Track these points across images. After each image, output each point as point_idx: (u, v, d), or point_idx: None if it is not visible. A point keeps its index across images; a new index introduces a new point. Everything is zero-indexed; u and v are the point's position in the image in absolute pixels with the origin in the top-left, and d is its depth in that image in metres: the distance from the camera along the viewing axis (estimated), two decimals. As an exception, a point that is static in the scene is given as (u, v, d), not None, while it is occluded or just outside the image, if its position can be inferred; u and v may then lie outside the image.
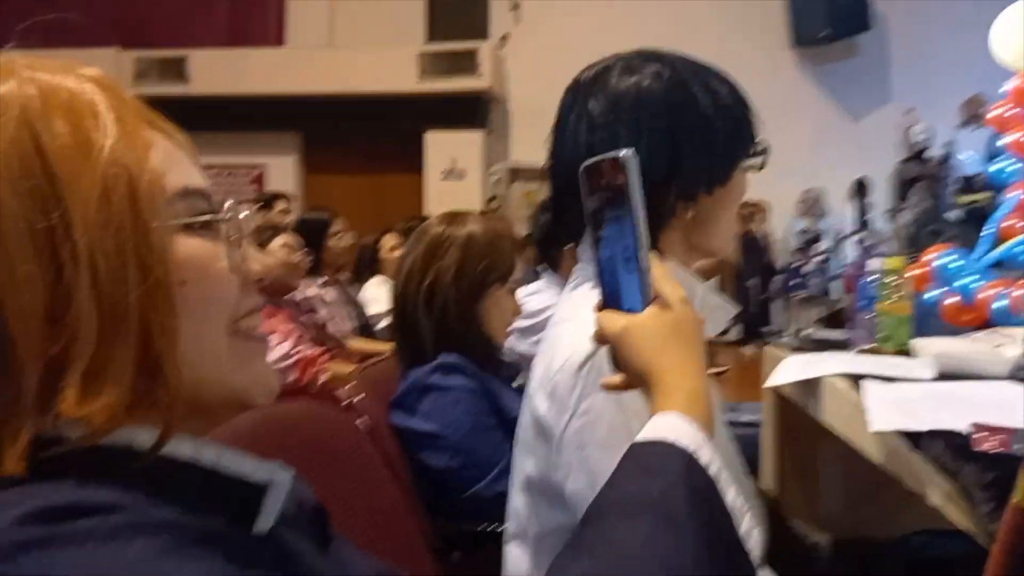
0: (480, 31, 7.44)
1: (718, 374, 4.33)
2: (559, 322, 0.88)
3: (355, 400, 1.30)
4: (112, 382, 0.41)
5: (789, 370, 1.48)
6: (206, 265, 0.47)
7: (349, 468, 1.17)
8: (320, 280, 2.79)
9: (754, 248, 5.96)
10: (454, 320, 1.36)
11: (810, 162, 6.70)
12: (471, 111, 7.23)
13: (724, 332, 2.50)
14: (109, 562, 0.35)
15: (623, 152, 0.61)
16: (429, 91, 7.12)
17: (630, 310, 0.61)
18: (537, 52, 7.25)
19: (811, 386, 1.46)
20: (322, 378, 2.15)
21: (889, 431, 0.95)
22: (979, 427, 0.78)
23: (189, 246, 0.47)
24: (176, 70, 7.48)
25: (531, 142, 7.78)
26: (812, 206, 6.79)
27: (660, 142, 0.82)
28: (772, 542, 1.35)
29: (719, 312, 0.94)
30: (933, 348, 1.36)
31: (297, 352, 2.18)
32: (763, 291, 4.72)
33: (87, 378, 0.41)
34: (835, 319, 2.00)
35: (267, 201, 4.25)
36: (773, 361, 1.73)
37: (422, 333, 1.36)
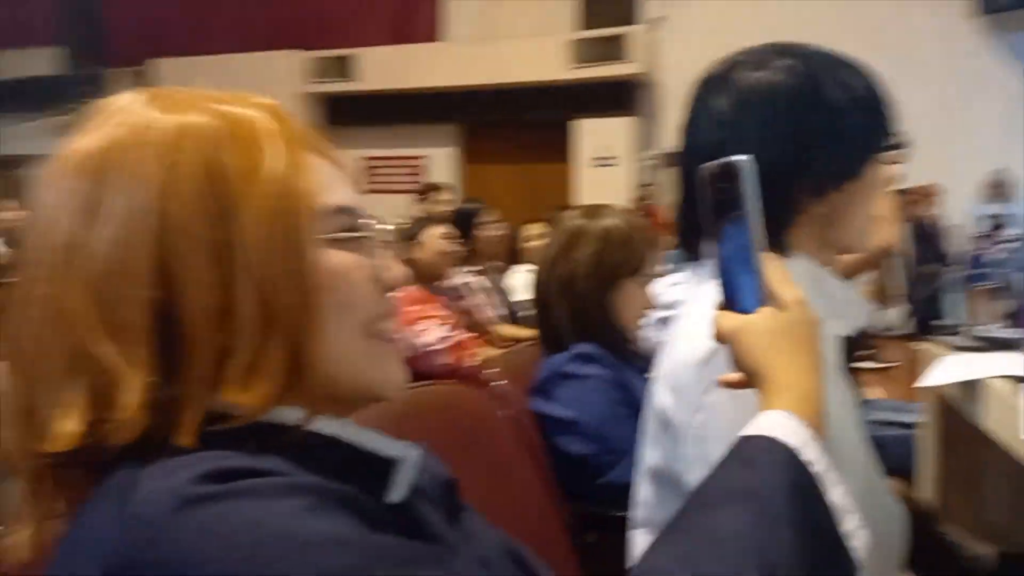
0: (632, 16, 7.34)
1: (883, 370, 4.08)
2: (685, 316, 0.90)
3: (499, 385, 1.38)
4: (265, 375, 0.49)
5: (944, 371, 1.40)
6: (349, 275, 0.54)
7: (490, 449, 1.25)
8: (471, 268, 2.91)
9: (924, 236, 5.51)
10: (589, 309, 1.41)
11: (997, 141, 6.08)
12: (622, 97, 7.17)
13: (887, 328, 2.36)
14: (264, 514, 0.42)
15: (739, 158, 0.63)
16: (580, 78, 7.13)
17: (745, 310, 0.63)
18: (690, 35, 7.04)
19: (972, 388, 1.38)
20: (472, 362, 2.27)
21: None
22: None
23: (336, 258, 0.54)
24: (346, 68, 7.97)
25: (685, 127, 7.66)
26: (999, 189, 6.17)
27: (787, 138, 0.81)
28: (924, 550, 1.30)
29: (854, 309, 0.92)
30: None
31: (451, 337, 2.30)
32: (934, 282, 4.37)
33: (246, 370, 0.49)
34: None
35: (426, 192, 4.47)
36: (930, 359, 1.64)
37: (559, 321, 1.42)
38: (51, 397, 0.47)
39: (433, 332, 2.29)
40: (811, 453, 0.53)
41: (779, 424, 0.54)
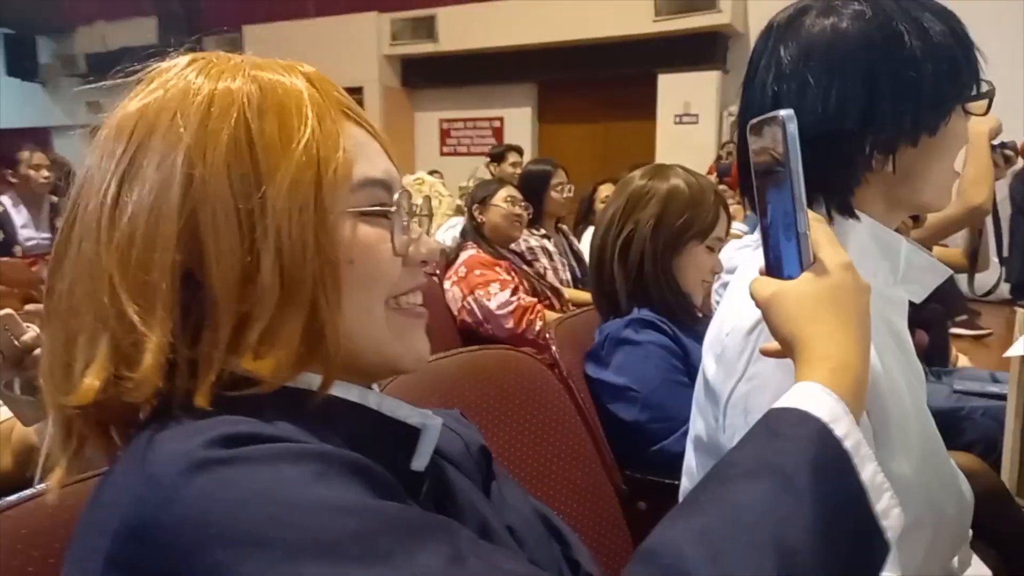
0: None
1: (978, 338, 3.85)
2: (735, 281, 0.86)
3: (556, 350, 1.37)
4: (282, 343, 0.49)
5: (1033, 341, 1.31)
6: (373, 248, 0.53)
7: (543, 414, 1.25)
8: (541, 231, 2.89)
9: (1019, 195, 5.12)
10: (649, 274, 1.37)
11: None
12: (708, 50, 6.89)
13: (988, 292, 2.21)
14: (271, 480, 0.42)
15: (781, 112, 0.59)
16: (664, 32, 6.89)
17: (789, 276, 0.60)
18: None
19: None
20: (537, 326, 2.26)
21: None
22: None
23: (360, 231, 0.53)
24: (427, 29, 7.97)
25: (773, 81, 7.31)
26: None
27: (854, 89, 0.74)
28: (1000, 526, 1.23)
29: (926, 274, 0.85)
30: None
31: (513, 301, 2.30)
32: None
33: (263, 337, 0.49)
34: None
35: (500, 154, 4.45)
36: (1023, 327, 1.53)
37: (617, 285, 1.39)
38: (81, 352, 0.49)
39: (497, 297, 2.29)
40: (843, 428, 0.50)
41: (812, 396, 0.52)
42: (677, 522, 0.47)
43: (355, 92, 8.09)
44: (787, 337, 0.58)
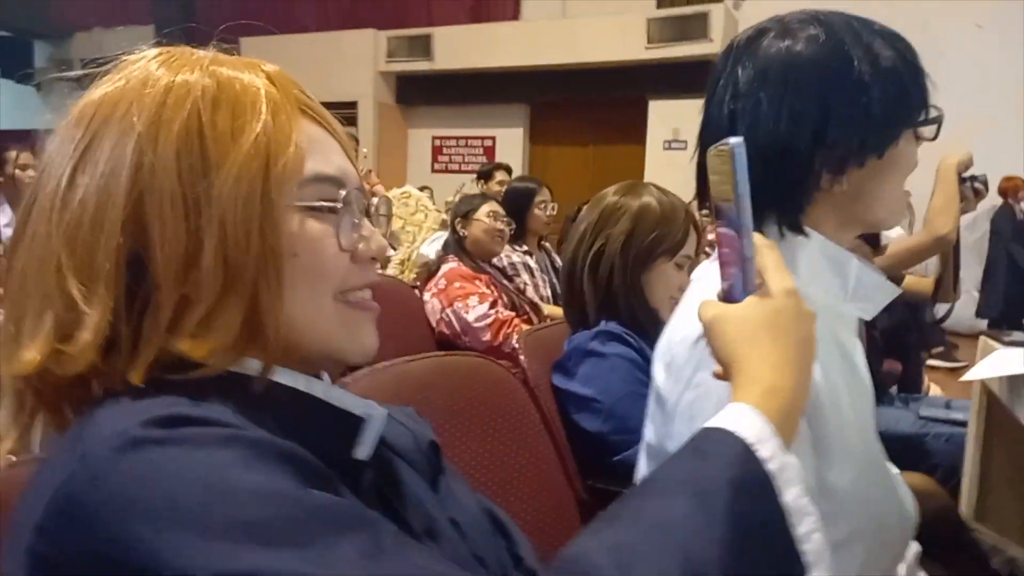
0: (713, -6, 7.15)
1: (954, 370, 3.89)
2: (688, 293, 0.89)
3: (524, 360, 1.39)
4: (220, 328, 0.51)
5: (991, 365, 1.34)
6: (318, 243, 0.55)
7: (508, 421, 1.26)
8: (524, 247, 2.91)
9: (1013, 228, 5.20)
10: (618, 288, 1.39)
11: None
12: (699, 78, 6.91)
13: (942, 319, 2.25)
14: (198, 463, 0.43)
15: (731, 140, 0.60)
16: (656, 59, 7.00)
17: (736, 300, 0.61)
18: (773, 14, 6.81)
19: (1018, 384, 1.32)
20: (514, 339, 2.27)
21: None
22: None
23: (307, 225, 0.54)
24: (422, 47, 8.06)
25: (761, 110, 7.41)
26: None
27: (805, 109, 0.77)
28: (951, 546, 1.25)
29: (876, 292, 0.88)
30: None
31: (491, 315, 2.32)
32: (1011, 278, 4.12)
33: (203, 321, 0.51)
34: None
35: (488, 173, 4.48)
36: (986, 354, 1.57)
37: (587, 299, 1.42)
38: (28, 328, 0.51)
39: (475, 310, 2.31)
40: (768, 450, 0.51)
41: (739, 417, 0.53)
42: (597, 534, 0.48)
43: (350, 107, 8.17)
44: (725, 359, 0.59)
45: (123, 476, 0.43)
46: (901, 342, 2.67)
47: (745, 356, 0.57)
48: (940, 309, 2.23)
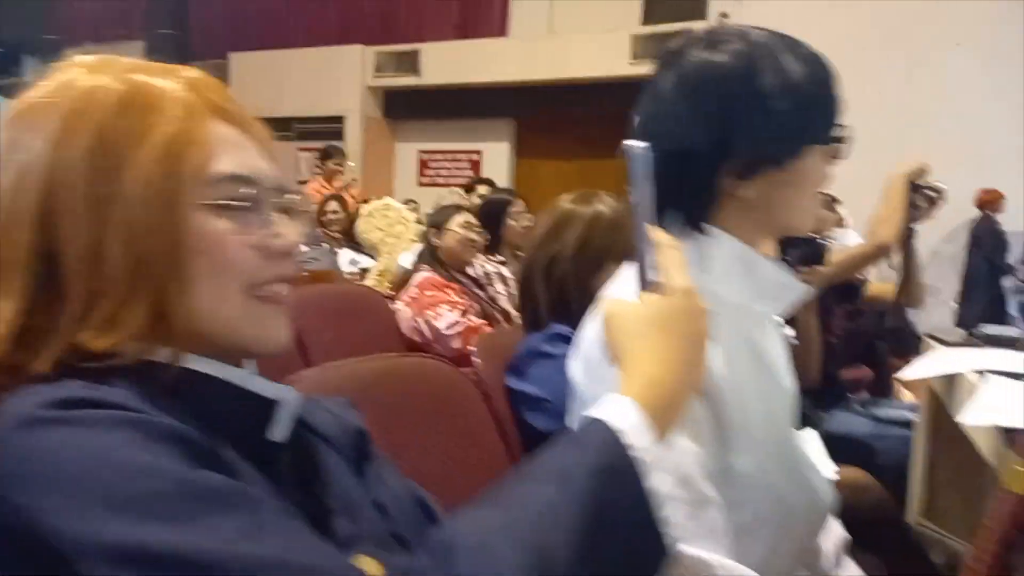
0: (698, 11, 7.24)
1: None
2: (607, 291, 0.93)
3: (476, 361, 1.43)
4: (127, 322, 0.54)
5: (925, 365, 1.39)
6: (223, 239, 0.57)
7: (459, 421, 1.30)
8: (499, 258, 2.96)
9: (984, 241, 5.31)
10: (570, 292, 1.44)
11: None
12: (683, 94, 7.08)
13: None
14: (90, 440, 0.46)
15: (631, 143, 0.64)
16: (641, 74, 7.02)
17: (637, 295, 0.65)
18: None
19: (954, 384, 1.37)
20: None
21: (987, 425, 0.90)
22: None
23: (212, 223, 0.57)
24: (410, 63, 8.14)
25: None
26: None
27: (710, 120, 0.81)
28: (889, 543, 1.29)
29: (788, 291, 0.92)
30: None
31: (461, 323, 2.36)
32: (993, 288, 4.20)
33: (108, 316, 0.54)
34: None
35: (471, 186, 4.55)
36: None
37: (540, 302, 1.46)
38: None
39: (445, 317, 2.35)
40: (635, 438, 0.53)
41: (615, 407, 0.56)
42: (469, 513, 0.51)
43: (337, 121, 8.23)
44: (616, 351, 0.63)
45: (15, 451, 0.46)
46: (870, 348, 2.72)
47: (632, 350, 0.60)
48: (920, 317, 2.28)
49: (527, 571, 0.46)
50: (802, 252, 1.68)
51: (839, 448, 1.77)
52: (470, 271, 2.71)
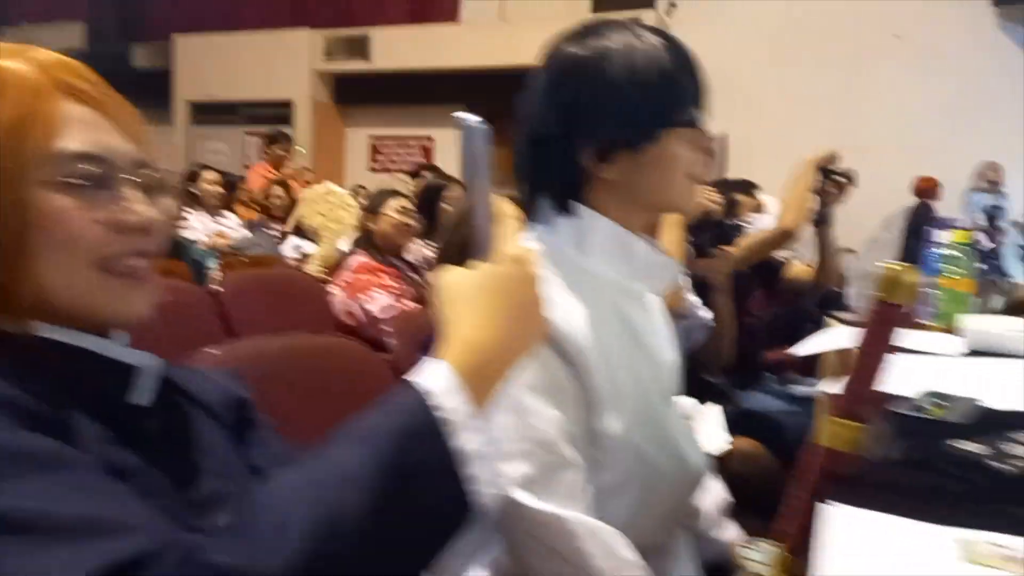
0: (646, 1, 7.33)
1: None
2: None
3: (389, 340, 1.47)
4: None
5: (813, 342, 1.46)
6: (68, 215, 0.59)
7: (368, 399, 1.33)
8: (431, 243, 2.99)
9: (918, 225, 5.51)
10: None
11: (1000, 135, 6.02)
12: (632, 82, 7.16)
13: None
14: None
15: (463, 115, 0.64)
16: (591, 63, 7.13)
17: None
18: (704, 21, 7.03)
19: (844, 359, 1.44)
20: (415, 329, 2.34)
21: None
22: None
23: (57, 200, 0.59)
24: (360, 48, 8.07)
25: (693, 113, 7.61)
26: (987, 179, 6.09)
27: (565, 107, 0.89)
28: (769, 500, 1.37)
29: (663, 270, 0.98)
30: (972, 325, 1.30)
31: (394, 307, 2.39)
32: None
33: None
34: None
35: (416, 173, 4.56)
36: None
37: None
38: None
39: (378, 301, 2.38)
40: (443, 400, 0.54)
41: (427, 370, 0.57)
42: (283, 473, 0.54)
43: (286, 106, 8.13)
44: (442, 316, 0.63)
45: None
46: (795, 330, 2.82)
47: (454, 315, 0.61)
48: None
49: (315, 526, 0.48)
50: (712, 234, 1.74)
51: (750, 423, 1.85)
52: (407, 256, 2.74)
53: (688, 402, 1.57)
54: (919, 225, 5.74)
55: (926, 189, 6.02)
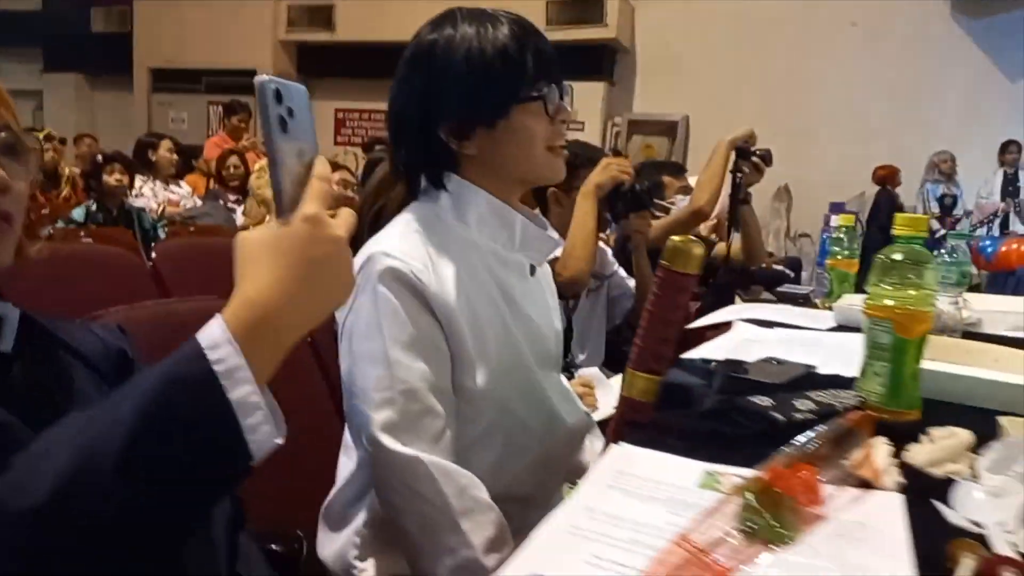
0: (612, -20, 7.36)
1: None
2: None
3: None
4: None
5: (710, 316, 1.54)
6: None
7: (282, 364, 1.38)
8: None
9: (879, 212, 5.66)
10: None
11: (963, 124, 6.20)
12: (596, 62, 7.20)
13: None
14: None
15: (260, 78, 0.62)
16: (555, 40, 7.06)
17: None
18: (666, 8, 7.10)
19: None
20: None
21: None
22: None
23: None
24: (324, 18, 7.98)
25: (656, 94, 7.67)
26: (941, 170, 6.27)
27: (416, 90, 0.97)
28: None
29: (543, 243, 1.05)
30: (840, 303, 1.39)
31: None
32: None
33: None
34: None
35: (370, 146, 4.57)
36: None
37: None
38: None
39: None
40: (219, 353, 0.55)
41: (208, 326, 0.57)
42: (63, 423, 0.56)
43: (248, 75, 7.97)
44: (235, 276, 0.63)
45: None
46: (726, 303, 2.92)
47: (241, 274, 0.61)
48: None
49: (71, 470, 0.51)
50: (625, 201, 1.82)
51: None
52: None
53: (594, 372, 1.65)
54: (880, 211, 5.89)
55: (885, 176, 6.17)
